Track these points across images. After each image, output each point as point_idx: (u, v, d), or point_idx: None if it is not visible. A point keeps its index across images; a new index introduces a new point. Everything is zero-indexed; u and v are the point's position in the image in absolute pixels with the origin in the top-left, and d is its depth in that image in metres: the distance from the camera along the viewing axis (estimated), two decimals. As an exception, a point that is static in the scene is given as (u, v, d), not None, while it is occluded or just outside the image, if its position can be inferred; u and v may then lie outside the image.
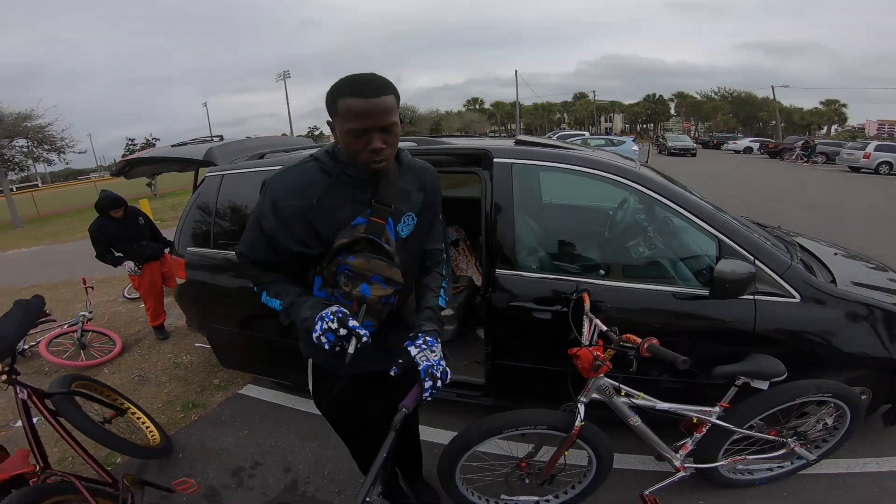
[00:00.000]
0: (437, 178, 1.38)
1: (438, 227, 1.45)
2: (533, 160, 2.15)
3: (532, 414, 1.76)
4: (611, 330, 1.66)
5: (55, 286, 6.66)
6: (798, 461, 2.07)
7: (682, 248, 2.16)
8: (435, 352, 1.25)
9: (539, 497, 2.04)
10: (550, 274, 2.13)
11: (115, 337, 4.14)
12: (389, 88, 1.11)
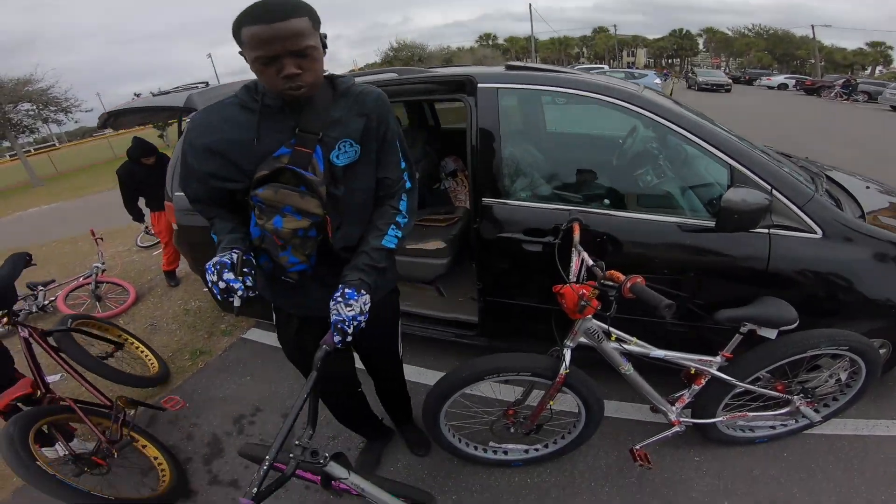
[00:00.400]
0: (384, 103, 1.23)
1: (392, 156, 1.28)
2: (521, 84, 1.96)
3: (515, 359, 1.64)
4: (597, 265, 1.48)
5: (74, 240, 6.79)
6: (803, 420, 1.91)
7: (694, 176, 1.95)
8: (351, 306, 1.15)
9: (528, 446, 1.97)
10: (542, 203, 1.97)
11: (128, 287, 4.21)
12: (300, 9, 1.01)
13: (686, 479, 1.88)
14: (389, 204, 1.31)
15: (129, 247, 5.84)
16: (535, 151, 2.22)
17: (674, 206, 1.90)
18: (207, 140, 1.15)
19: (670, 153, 2.06)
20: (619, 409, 2.22)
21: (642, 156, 2.14)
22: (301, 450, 1.11)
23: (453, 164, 3.75)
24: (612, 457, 2.01)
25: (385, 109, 1.23)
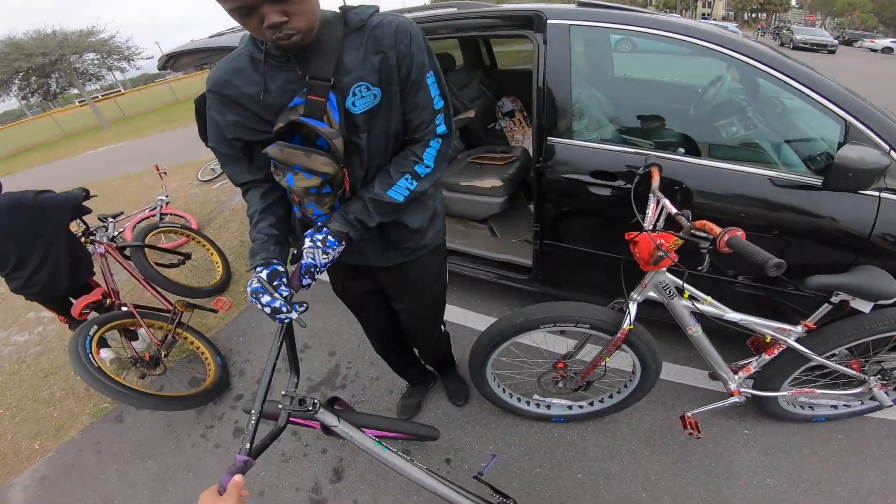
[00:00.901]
0: (405, 34, 1.01)
1: (421, 95, 1.07)
2: (597, 22, 1.74)
3: (575, 308, 1.52)
4: (682, 214, 1.31)
5: (139, 175, 7.16)
6: (870, 402, 1.73)
7: (791, 129, 1.73)
8: (328, 254, 1.08)
9: (572, 402, 1.88)
10: (612, 146, 1.80)
11: (190, 218, 4.36)
12: None
13: (731, 451, 1.78)
14: (412, 150, 1.12)
15: (190, 181, 6.04)
16: (605, 93, 2.03)
17: (763, 160, 1.68)
18: (224, 92, 1.05)
19: (762, 104, 1.84)
20: (670, 373, 2.10)
21: (727, 106, 1.91)
22: (289, 399, 1.08)
23: (511, 104, 3.61)
24: (658, 421, 1.91)
25: (407, 41, 1.01)
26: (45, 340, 3.23)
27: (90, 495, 2.02)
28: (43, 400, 2.62)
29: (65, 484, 2.09)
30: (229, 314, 3.02)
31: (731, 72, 1.89)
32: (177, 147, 9.03)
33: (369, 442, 1.22)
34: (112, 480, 2.06)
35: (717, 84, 1.96)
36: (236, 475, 0.84)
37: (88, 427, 2.36)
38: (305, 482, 1.91)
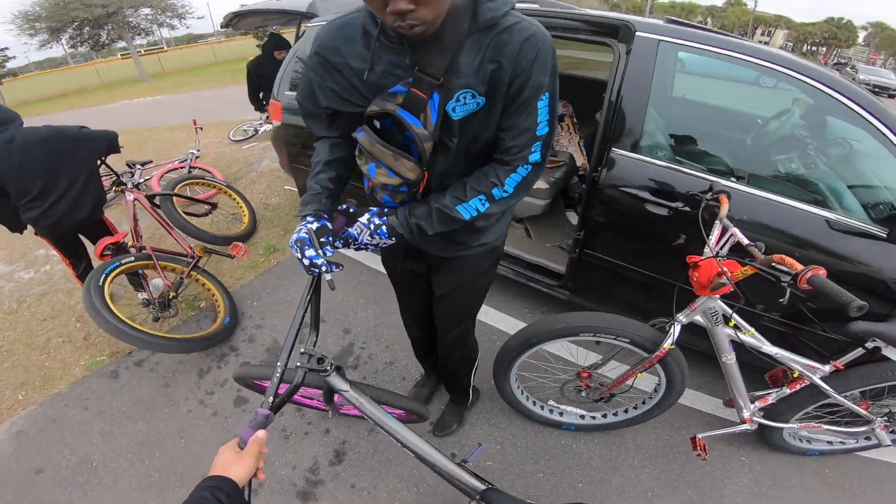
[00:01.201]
0: (533, 48, 0.80)
1: (526, 118, 0.87)
2: (688, 41, 1.54)
3: (617, 321, 1.34)
4: (755, 245, 1.15)
5: (172, 128, 6.74)
6: (865, 441, 1.62)
7: (855, 174, 1.57)
8: (374, 238, 0.96)
9: (586, 412, 1.70)
10: (678, 165, 1.60)
11: (217, 174, 4.04)
12: None
13: (726, 476, 1.63)
14: (495, 170, 0.93)
15: (220, 139, 5.65)
16: (678, 113, 1.84)
17: (819, 200, 1.52)
18: (329, 57, 0.90)
19: (827, 144, 1.66)
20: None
21: (788, 141, 1.74)
22: (308, 357, 0.99)
23: (562, 109, 3.36)
24: (662, 440, 1.74)
25: (531, 57, 0.81)
26: (51, 280, 2.83)
27: (66, 455, 1.71)
28: (37, 346, 2.28)
29: (41, 440, 1.78)
30: (245, 276, 2.73)
31: (797, 105, 1.70)
32: (212, 106, 8.52)
33: (377, 409, 1.08)
34: (94, 441, 1.76)
35: (783, 117, 1.78)
36: (259, 431, 0.76)
37: (80, 380, 2.04)
38: (304, 461, 1.67)
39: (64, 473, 1.64)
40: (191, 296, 2.50)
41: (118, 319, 1.79)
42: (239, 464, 0.71)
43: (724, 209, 1.29)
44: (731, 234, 1.23)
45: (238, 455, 0.73)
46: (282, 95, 2.54)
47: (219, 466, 0.71)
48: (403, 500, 1.55)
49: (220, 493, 0.64)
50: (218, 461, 0.72)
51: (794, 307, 1.48)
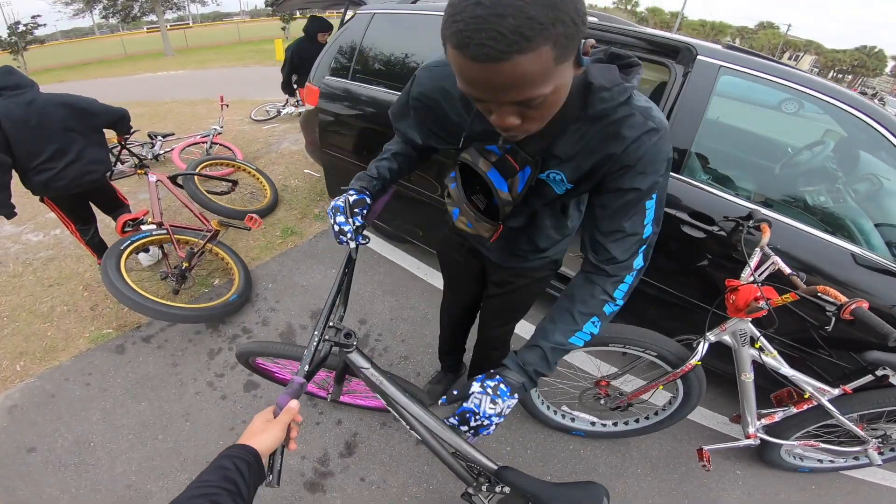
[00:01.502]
0: (647, 148, 0.64)
1: (634, 221, 0.70)
2: (748, 68, 1.41)
3: (647, 335, 1.23)
4: (797, 275, 1.09)
5: (193, 103, 6.30)
6: (853, 461, 1.54)
7: (881, 211, 1.47)
8: (496, 404, 0.73)
9: (597, 419, 1.58)
10: (717, 190, 1.48)
11: (237, 151, 3.74)
12: (532, 38, 0.44)
13: (720, 489, 1.53)
14: (602, 287, 0.75)
15: (241, 118, 5.26)
16: (720, 139, 1.67)
17: (845, 233, 1.42)
18: (431, 104, 0.81)
19: (857, 179, 1.56)
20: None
21: (818, 173, 1.63)
22: (334, 331, 0.91)
23: None
24: (665, 450, 1.63)
25: (640, 155, 0.65)
26: (60, 245, 2.53)
27: (63, 433, 1.48)
28: (40, 313, 2.00)
29: (36, 417, 1.53)
30: (261, 256, 2.50)
31: (830, 136, 1.58)
32: (234, 84, 7.94)
33: (395, 388, 0.98)
34: (94, 419, 1.52)
35: (815, 148, 1.67)
36: (292, 401, 0.68)
37: (83, 353, 1.78)
38: (313, 451, 1.49)
39: (58, 453, 1.41)
40: (204, 272, 2.27)
41: (126, 285, 1.70)
42: (265, 433, 0.62)
43: (765, 238, 1.20)
44: (771, 262, 1.15)
45: (267, 423, 0.64)
46: (319, 80, 2.32)
47: (247, 434, 0.62)
48: (413, 495, 1.39)
49: (242, 463, 0.56)
50: (248, 429, 0.64)
51: (807, 333, 1.37)
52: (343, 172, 2.47)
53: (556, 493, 0.82)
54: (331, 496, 1.35)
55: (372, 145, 2.23)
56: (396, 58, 2.05)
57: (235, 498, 0.52)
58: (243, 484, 0.54)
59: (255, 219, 2.13)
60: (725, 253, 1.42)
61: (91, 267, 2.29)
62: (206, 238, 2.09)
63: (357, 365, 0.97)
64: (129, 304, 1.68)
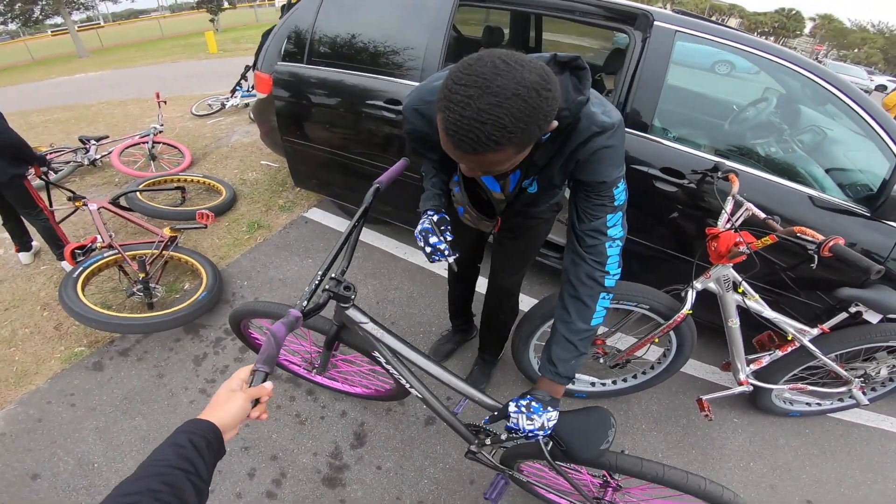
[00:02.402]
0: (600, 147, 0.85)
1: (596, 212, 0.90)
2: (702, 33, 1.65)
3: (637, 289, 1.44)
4: (772, 218, 1.30)
5: (123, 103, 6.21)
6: (838, 402, 1.83)
7: (828, 158, 1.76)
8: (532, 420, 0.91)
9: (596, 379, 1.81)
10: (684, 146, 1.73)
11: (184, 150, 3.80)
12: (503, 139, 0.64)
13: (723, 437, 1.80)
14: (593, 266, 0.92)
15: (182, 114, 5.28)
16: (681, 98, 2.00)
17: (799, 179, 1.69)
18: (422, 137, 1.06)
19: (800, 132, 1.85)
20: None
21: (765, 127, 1.93)
22: (336, 283, 1.00)
23: None
24: (664, 405, 1.89)
25: (593, 152, 0.85)
26: (6, 266, 2.57)
27: (62, 457, 1.59)
28: (2, 339, 2.07)
29: (28, 442, 1.63)
30: (230, 254, 2.63)
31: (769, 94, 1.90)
32: (167, 81, 7.89)
33: (397, 340, 1.11)
34: (90, 440, 1.64)
35: (759, 105, 1.97)
36: (266, 382, 0.68)
37: (59, 375, 1.88)
38: (324, 446, 1.65)
39: (64, 477, 1.52)
40: (172, 278, 2.39)
41: (88, 308, 1.87)
42: (228, 405, 0.62)
43: (735, 187, 1.42)
44: (745, 209, 1.36)
45: (231, 394, 0.64)
46: (269, 67, 2.42)
47: (210, 407, 0.63)
48: (431, 476, 1.58)
49: (200, 440, 0.56)
50: (212, 399, 0.64)
51: (778, 276, 1.65)
52: (307, 160, 2.61)
53: (567, 419, 0.96)
54: (351, 489, 1.52)
55: (336, 130, 2.39)
56: (354, 38, 2.19)
57: (192, 478, 0.51)
58: (201, 463, 0.54)
59: (205, 214, 2.32)
60: (699, 204, 1.67)
61: (45, 285, 2.35)
62: (160, 247, 2.24)
63: (355, 320, 1.07)
64: (96, 325, 1.85)
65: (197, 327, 2.09)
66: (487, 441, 1.17)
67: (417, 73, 2.05)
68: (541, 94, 0.63)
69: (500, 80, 0.61)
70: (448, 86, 0.64)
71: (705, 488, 1.01)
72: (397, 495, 1.51)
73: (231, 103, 5.16)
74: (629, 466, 1.05)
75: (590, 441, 0.95)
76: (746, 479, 1.65)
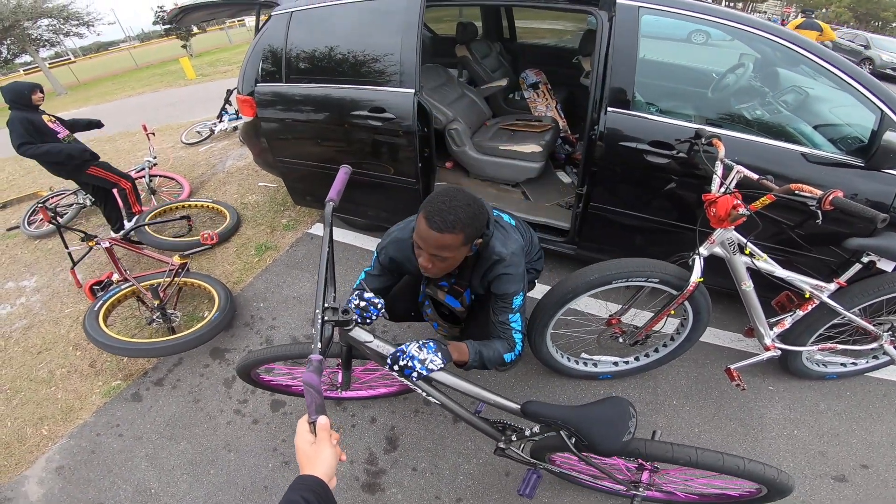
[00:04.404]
0: (501, 271, 1.36)
1: (500, 313, 1.41)
2: (666, 6, 1.82)
3: (645, 263, 1.59)
4: (766, 178, 1.44)
5: (112, 139, 6.59)
6: (873, 360, 1.93)
7: (815, 115, 1.90)
8: (421, 351, 1.18)
9: (619, 358, 1.96)
10: (669, 118, 1.90)
11: (181, 180, 4.12)
12: (458, 227, 1.15)
13: (760, 406, 1.91)
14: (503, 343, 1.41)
15: (173, 144, 5.65)
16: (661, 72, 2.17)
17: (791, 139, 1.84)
18: (403, 266, 1.50)
19: (783, 94, 2.01)
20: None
21: (746, 91, 2.09)
22: (332, 311, 1.10)
23: (535, 77, 3.72)
24: (692, 378, 2.03)
25: (498, 276, 1.37)
26: (31, 313, 2.89)
27: (120, 484, 1.83)
28: (41, 380, 2.36)
29: (87, 473, 1.88)
30: (243, 278, 2.91)
31: (745, 59, 2.09)
32: (150, 111, 8.41)
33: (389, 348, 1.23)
34: (142, 467, 1.88)
35: (737, 70, 2.12)
36: (321, 417, 0.78)
37: (102, 408, 2.14)
38: (359, 454, 1.85)
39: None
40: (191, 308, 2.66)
41: (111, 338, 2.19)
42: (318, 457, 0.73)
43: (721, 151, 1.57)
44: (736, 172, 1.51)
45: (314, 447, 0.74)
46: (248, 90, 2.64)
47: (303, 464, 0.73)
48: (466, 473, 1.74)
49: (310, 495, 0.67)
50: (298, 458, 0.75)
51: (785, 234, 1.78)
52: (303, 177, 2.87)
53: (585, 413, 1.07)
54: (390, 493, 1.69)
55: (325, 144, 2.59)
56: (329, 52, 2.39)
57: None
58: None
59: (208, 234, 2.66)
60: (693, 172, 1.81)
61: (73, 327, 2.64)
62: (171, 275, 2.53)
63: (361, 340, 1.19)
64: (121, 353, 2.17)
65: (222, 352, 2.34)
66: (514, 437, 1.30)
67: (397, 77, 2.24)
68: (481, 209, 1.21)
69: (459, 194, 1.18)
70: (430, 197, 1.19)
71: (745, 468, 1.11)
72: (436, 494, 1.67)
73: (220, 128, 5.49)
74: (660, 453, 1.15)
75: (611, 433, 1.07)
76: (793, 447, 1.75)
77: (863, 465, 1.69)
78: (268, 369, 1.84)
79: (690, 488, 1.44)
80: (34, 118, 2.85)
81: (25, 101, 2.82)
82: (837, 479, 1.66)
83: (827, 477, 1.67)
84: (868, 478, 1.66)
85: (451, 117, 2.94)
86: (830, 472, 1.68)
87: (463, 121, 2.97)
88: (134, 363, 2.34)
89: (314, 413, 0.78)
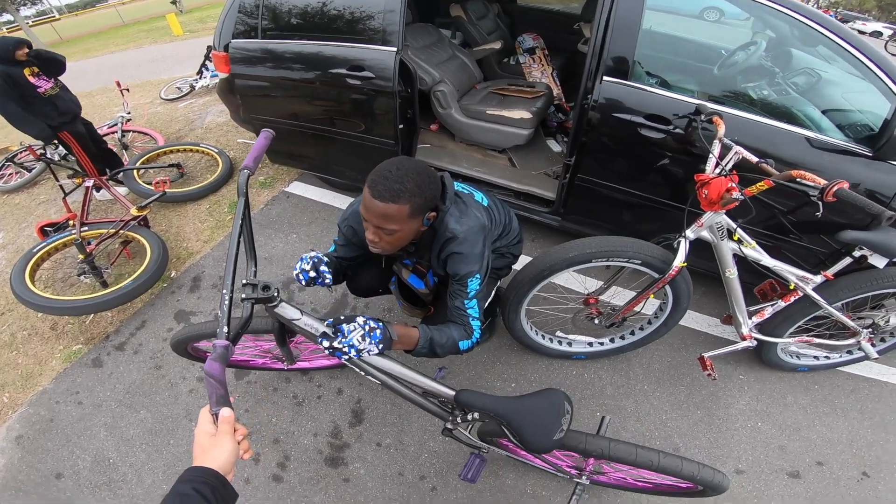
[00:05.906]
0: (454, 249, 1.25)
1: (456, 297, 1.28)
2: None
3: (627, 243, 1.49)
4: (766, 162, 1.31)
5: (90, 94, 6.33)
6: (847, 355, 1.89)
7: (825, 100, 1.75)
8: (363, 342, 1.06)
9: (594, 339, 1.89)
10: (669, 92, 1.75)
11: (155, 135, 3.92)
12: (403, 197, 1.06)
13: (728, 395, 1.88)
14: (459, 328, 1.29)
15: (151, 100, 5.39)
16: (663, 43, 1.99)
17: (796, 121, 1.70)
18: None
19: (794, 74, 1.85)
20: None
21: (755, 70, 1.93)
22: (251, 288, 1.02)
23: (532, 41, 3.51)
24: (665, 362, 1.98)
25: (452, 253, 1.25)
26: (-9, 273, 2.74)
27: (79, 455, 1.76)
28: (3, 343, 2.25)
29: (46, 443, 1.81)
30: (214, 236, 2.80)
31: (758, 38, 1.91)
32: (132, 67, 8.04)
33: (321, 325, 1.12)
34: (101, 436, 1.81)
35: (749, 48, 1.94)
36: (225, 409, 0.72)
37: (62, 374, 2.06)
38: (323, 426, 1.80)
39: (85, 475, 1.69)
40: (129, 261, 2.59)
41: (32, 294, 2.11)
42: (217, 448, 0.67)
43: (720, 129, 1.44)
44: (734, 153, 1.37)
45: (213, 438, 0.69)
46: (222, 45, 2.46)
47: (198, 455, 0.67)
48: (431, 450, 1.70)
49: (204, 487, 0.61)
50: (195, 448, 0.69)
51: (776, 220, 1.68)
52: (279, 135, 2.64)
53: (517, 408, 1.00)
54: (353, 467, 1.65)
55: (302, 102, 2.44)
56: (307, 7, 2.20)
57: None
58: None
59: (160, 181, 2.63)
60: (688, 150, 1.69)
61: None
62: (117, 227, 2.45)
63: (288, 317, 1.08)
64: (42, 309, 2.09)
65: (188, 315, 2.24)
66: (459, 419, 1.21)
67: (380, 35, 2.07)
68: (431, 179, 1.12)
69: (408, 163, 1.09)
70: (378, 167, 1.09)
71: (681, 468, 1.11)
72: (399, 471, 1.64)
73: (201, 84, 5.22)
74: (597, 450, 1.10)
75: (540, 430, 0.98)
76: (755, 440, 1.72)
77: (818, 461, 1.67)
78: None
79: (641, 476, 1.42)
80: (13, 71, 2.64)
81: (9, 56, 2.61)
82: (791, 476, 1.64)
83: (782, 472, 1.65)
84: (821, 475, 1.64)
85: (438, 78, 2.73)
86: (786, 467, 1.66)
87: (451, 83, 2.77)
88: (95, 325, 2.24)
89: (216, 404, 0.73)
